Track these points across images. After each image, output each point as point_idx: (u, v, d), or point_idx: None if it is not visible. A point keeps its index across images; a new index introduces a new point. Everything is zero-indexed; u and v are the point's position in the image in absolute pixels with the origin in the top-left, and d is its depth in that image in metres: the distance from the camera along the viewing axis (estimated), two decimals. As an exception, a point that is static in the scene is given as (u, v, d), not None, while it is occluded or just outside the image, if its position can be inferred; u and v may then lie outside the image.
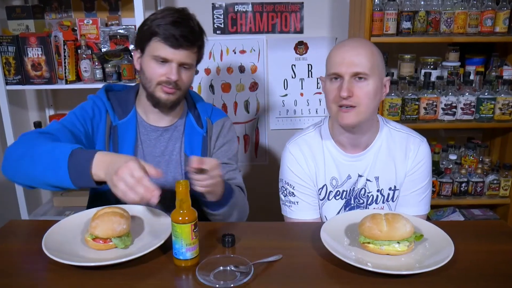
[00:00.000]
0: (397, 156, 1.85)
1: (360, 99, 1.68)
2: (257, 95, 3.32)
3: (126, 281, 1.28)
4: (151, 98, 1.82)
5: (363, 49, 1.68)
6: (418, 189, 1.85)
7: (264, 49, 3.23)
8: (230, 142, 2.00)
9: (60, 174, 1.42)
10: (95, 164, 1.41)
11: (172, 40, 1.72)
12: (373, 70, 1.68)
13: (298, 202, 1.88)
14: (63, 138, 1.66)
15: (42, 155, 1.47)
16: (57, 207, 3.20)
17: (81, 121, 1.78)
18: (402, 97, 2.79)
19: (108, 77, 2.76)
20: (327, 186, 1.88)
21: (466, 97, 2.78)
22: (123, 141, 1.86)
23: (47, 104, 3.28)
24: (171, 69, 1.75)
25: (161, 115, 1.90)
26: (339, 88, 1.69)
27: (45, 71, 2.73)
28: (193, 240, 1.34)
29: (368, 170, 1.85)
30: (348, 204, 1.88)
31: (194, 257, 1.35)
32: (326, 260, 1.38)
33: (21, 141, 1.59)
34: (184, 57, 1.76)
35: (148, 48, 1.77)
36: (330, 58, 1.74)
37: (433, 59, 2.97)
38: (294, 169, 1.89)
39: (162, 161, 1.90)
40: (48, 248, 1.36)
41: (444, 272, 1.29)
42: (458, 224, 1.66)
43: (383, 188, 1.86)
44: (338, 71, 1.68)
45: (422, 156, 1.85)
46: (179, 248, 1.34)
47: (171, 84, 1.77)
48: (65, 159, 1.42)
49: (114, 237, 1.40)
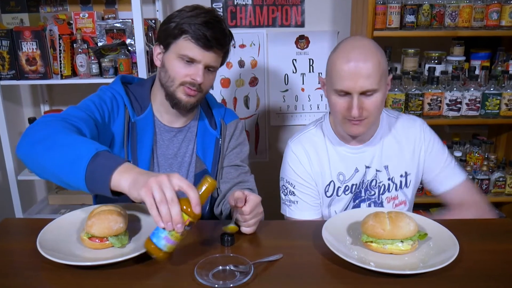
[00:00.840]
0: (402, 141, 1.89)
1: (370, 112, 1.70)
2: (257, 90, 3.32)
3: (123, 281, 1.28)
4: (171, 98, 1.79)
5: (370, 63, 1.64)
6: (444, 161, 1.89)
7: (264, 43, 3.22)
8: (242, 144, 2.00)
9: (76, 172, 1.31)
10: (120, 172, 1.29)
11: (204, 41, 1.69)
12: (381, 81, 1.68)
13: (297, 202, 1.89)
14: (86, 130, 1.57)
15: (64, 146, 1.37)
16: (52, 205, 3.20)
17: (100, 112, 1.72)
18: (405, 93, 2.79)
19: (104, 72, 2.75)
20: (335, 182, 1.88)
21: (471, 92, 2.78)
22: (142, 139, 1.83)
23: (42, 99, 3.28)
24: (197, 70, 1.73)
25: (177, 116, 1.88)
26: (347, 105, 1.70)
27: (40, 66, 2.73)
28: (177, 235, 1.28)
29: (375, 160, 1.87)
30: (358, 196, 1.89)
31: (165, 251, 1.28)
32: (328, 259, 1.37)
33: (44, 123, 1.50)
34: (212, 60, 1.75)
35: (175, 45, 1.74)
36: (335, 71, 1.69)
37: (437, 54, 2.96)
38: (295, 168, 1.89)
39: (174, 163, 1.89)
40: (43, 247, 1.35)
41: (449, 272, 1.29)
42: (463, 222, 1.66)
43: (394, 176, 1.88)
44: (346, 89, 1.68)
45: (428, 132, 1.91)
46: (159, 231, 1.28)
47: (195, 86, 1.74)
48: (87, 158, 1.31)
49: (110, 236, 1.39)
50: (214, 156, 1.92)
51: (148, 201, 1.22)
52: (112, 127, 1.77)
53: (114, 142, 1.78)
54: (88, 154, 1.31)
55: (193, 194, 1.25)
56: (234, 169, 1.94)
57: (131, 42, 2.80)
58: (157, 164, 1.87)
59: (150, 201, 1.22)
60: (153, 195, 1.22)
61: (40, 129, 1.47)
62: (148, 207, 1.22)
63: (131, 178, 1.27)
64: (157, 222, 1.23)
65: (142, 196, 1.22)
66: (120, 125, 1.79)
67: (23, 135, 1.48)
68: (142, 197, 1.22)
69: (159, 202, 1.21)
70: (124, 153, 1.80)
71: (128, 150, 1.80)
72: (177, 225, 1.22)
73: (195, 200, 1.25)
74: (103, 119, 1.72)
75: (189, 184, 1.26)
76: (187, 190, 1.26)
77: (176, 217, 1.22)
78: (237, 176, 1.93)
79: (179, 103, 1.78)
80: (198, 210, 1.26)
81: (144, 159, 1.82)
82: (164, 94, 1.81)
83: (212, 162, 1.92)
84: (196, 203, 1.25)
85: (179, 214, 1.22)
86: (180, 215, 1.23)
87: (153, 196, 1.22)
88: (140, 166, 1.78)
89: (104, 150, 1.34)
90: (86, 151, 1.33)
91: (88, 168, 1.30)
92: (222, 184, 1.94)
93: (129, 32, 2.80)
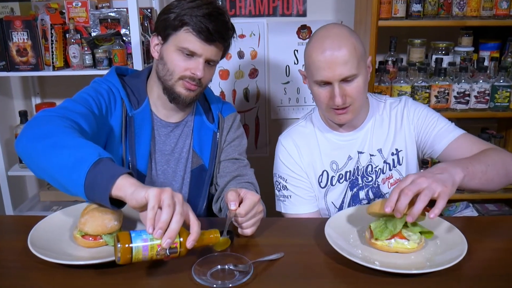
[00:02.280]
0: (389, 121, 1.93)
1: (353, 99, 1.75)
2: (257, 82, 3.31)
3: (117, 280, 1.28)
4: (169, 93, 1.78)
5: (345, 49, 1.68)
6: (435, 122, 1.88)
7: (265, 34, 3.21)
8: (240, 137, 2.01)
9: (75, 178, 1.30)
10: (126, 177, 1.28)
11: (205, 34, 1.68)
12: (359, 66, 1.73)
13: (291, 196, 1.91)
14: (86, 126, 1.57)
15: (65, 148, 1.35)
16: (44, 201, 3.20)
17: (98, 106, 1.71)
18: (411, 85, 2.78)
19: (98, 63, 2.74)
20: (328, 171, 1.91)
21: (480, 84, 2.77)
22: (140, 134, 1.82)
23: (33, 92, 3.27)
24: (197, 64, 1.72)
25: (174, 111, 1.88)
26: (330, 95, 1.75)
27: (31, 56, 2.71)
28: (154, 251, 1.23)
29: (367, 144, 1.90)
30: (355, 184, 1.91)
31: (130, 256, 1.22)
32: (331, 258, 1.37)
33: (45, 118, 1.49)
34: (213, 54, 1.74)
35: (175, 37, 1.73)
36: (312, 63, 1.75)
37: (444, 44, 2.95)
38: (286, 161, 1.93)
39: (171, 160, 1.89)
40: (34, 245, 1.35)
41: (457, 272, 1.29)
42: (471, 220, 1.66)
43: (387, 157, 1.90)
44: (325, 79, 1.72)
45: (411, 103, 1.95)
46: (142, 235, 1.23)
47: (195, 80, 1.74)
48: (88, 163, 1.29)
49: (104, 234, 1.39)
50: (211, 150, 1.92)
51: (153, 200, 1.20)
52: (109, 122, 1.77)
53: (111, 137, 1.77)
54: (90, 159, 1.30)
55: (196, 228, 1.25)
56: (232, 163, 1.94)
57: (126, 32, 2.78)
58: (154, 160, 1.86)
59: (155, 201, 1.20)
60: (162, 198, 1.21)
61: (42, 124, 1.46)
62: (149, 207, 1.20)
63: (138, 184, 1.27)
64: (148, 225, 1.20)
65: (148, 195, 1.21)
66: (117, 120, 1.78)
67: (23, 130, 1.47)
68: (148, 196, 1.21)
69: (165, 206, 1.20)
70: (122, 148, 1.79)
71: (126, 146, 1.80)
72: (168, 239, 1.20)
73: (195, 235, 1.24)
74: (100, 113, 1.71)
75: (196, 218, 1.27)
76: (193, 223, 1.26)
77: (173, 231, 1.20)
78: (235, 170, 1.93)
79: (178, 97, 1.77)
80: (190, 245, 1.24)
81: (143, 155, 1.82)
82: (161, 88, 1.81)
83: (209, 157, 1.91)
84: (193, 239, 1.24)
85: (177, 230, 1.21)
86: (176, 232, 1.21)
87: (161, 200, 1.21)
88: (138, 163, 1.79)
89: (107, 157, 1.33)
90: (88, 156, 1.31)
91: (88, 173, 1.28)
92: (219, 179, 1.94)
93: (124, 22, 2.79)
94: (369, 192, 1.91)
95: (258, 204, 1.49)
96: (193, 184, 1.92)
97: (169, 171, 1.90)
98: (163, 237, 1.20)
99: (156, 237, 1.20)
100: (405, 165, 1.91)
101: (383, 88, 2.78)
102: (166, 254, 1.24)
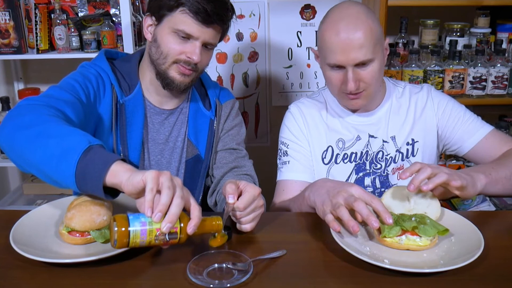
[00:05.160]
0: (408, 109, 1.94)
1: (367, 84, 1.77)
2: (258, 66, 3.30)
3: (105, 280, 1.27)
4: (162, 78, 1.78)
5: (361, 32, 1.68)
6: (462, 117, 1.90)
7: (266, 14, 3.20)
8: (239, 126, 2.01)
9: (64, 168, 1.29)
10: (120, 163, 1.29)
11: (203, 16, 1.67)
12: (376, 49, 1.73)
13: (289, 162, 1.94)
14: (73, 115, 1.56)
15: (52, 137, 1.34)
16: (28, 195, 3.20)
17: (86, 93, 1.70)
18: (424, 69, 2.78)
19: (86, 46, 2.74)
20: (333, 148, 1.93)
21: (497, 68, 2.77)
22: (132, 123, 1.82)
23: (16, 77, 3.27)
24: (194, 48, 1.72)
25: (168, 97, 1.88)
26: (342, 79, 1.77)
27: (13, 39, 2.71)
28: (153, 234, 1.23)
29: (381, 130, 1.92)
30: (362, 169, 1.93)
31: (127, 240, 1.22)
32: (336, 256, 1.37)
33: (28, 106, 1.48)
34: (211, 36, 1.74)
35: (170, 18, 1.72)
36: (325, 45, 1.75)
37: (459, 25, 2.94)
38: (290, 126, 1.98)
39: (165, 149, 1.90)
40: (17, 242, 1.34)
41: (472, 271, 1.28)
42: (488, 215, 1.65)
43: (402, 146, 1.92)
44: (338, 63, 1.73)
45: (436, 94, 1.97)
46: (141, 218, 1.23)
47: (191, 65, 1.74)
48: (78, 152, 1.28)
49: (93, 230, 1.38)
50: (208, 139, 1.91)
51: (151, 183, 1.21)
52: (98, 109, 1.76)
53: (101, 126, 1.77)
54: (79, 147, 1.30)
55: (197, 213, 1.26)
56: (229, 153, 1.94)
57: (115, 12, 2.78)
58: (147, 150, 1.86)
59: (153, 183, 1.21)
60: (161, 180, 1.22)
61: (25, 114, 1.45)
62: (147, 189, 1.21)
63: (134, 169, 1.28)
64: (147, 207, 1.20)
65: (146, 178, 1.21)
66: (107, 107, 1.77)
67: (4, 120, 1.46)
68: (146, 179, 1.21)
69: (165, 187, 1.21)
70: (113, 138, 1.79)
71: (117, 135, 1.79)
72: (168, 223, 1.20)
73: (196, 220, 1.25)
74: (88, 101, 1.70)
75: (197, 203, 1.27)
76: (193, 207, 1.27)
77: (174, 215, 1.21)
78: (232, 160, 1.93)
79: (172, 83, 1.77)
80: (191, 231, 1.24)
81: (135, 145, 1.82)
82: (154, 72, 1.80)
83: (205, 147, 1.91)
84: (195, 224, 1.25)
85: (177, 214, 1.21)
86: (177, 216, 1.22)
87: (159, 182, 1.22)
88: (130, 153, 1.79)
89: (97, 144, 1.33)
90: (77, 144, 1.31)
91: (79, 162, 1.28)
92: (215, 170, 1.94)
93: (114, 1, 2.78)
94: (376, 180, 1.91)
95: (259, 198, 1.47)
96: (188, 176, 1.92)
97: (163, 162, 1.90)
98: (162, 221, 1.21)
99: (155, 221, 1.21)
100: (420, 157, 1.91)
101: (393, 73, 2.77)
102: (166, 239, 1.24)
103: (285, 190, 1.90)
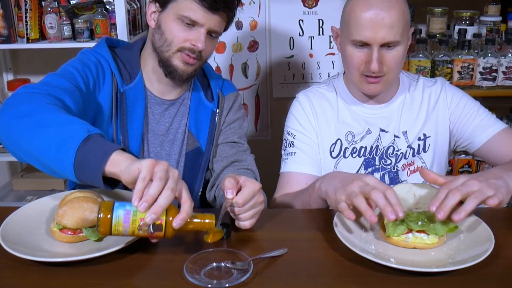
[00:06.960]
0: (421, 102, 1.94)
1: (389, 68, 1.76)
2: (258, 56, 3.30)
3: (98, 280, 1.27)
4: (165, 66, 1.78)
5: (394, 11, 1.68)
6: (476, 112, 1.90)
7: (266, 1, 3.20)
8: (241, 119, 2.02)
9: (63, 157, 1.31)
10: (120, 153, 1.31)
11: (210, 2, 1.68)
12: (403, 33, 1.73)
13: (295, 153, 1.93)
14: (72, 104, 1.57)
15: (51, 126, 1.36)
16: (17, 190, 3.20)
17: (85, 80, 1.71)
18: (431, 59, 2.78)
19: (78, 35, 2.74)
20: (342, 141, 1.93)
21: (508, 58, 2.76)
22: (132, 113, 1.83)
23: (5, 67, 3.28)
24: (199, 35, 1.72)
25: (171, 86, 1.89)
26: (366, 58, 1.75)
27: (2, 27, 2.71)
28: (136, 224, 1.24)
29: (393, 124, 1.92)
30: (371, 164, 1.93)
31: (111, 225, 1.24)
32: (340, 254, 1.37)
33: (26, 94, 1.50)
34: (216, 24, 1.75)
35: (175, 4, 1.72)
36: (353, 20, 1.73)
37: (469, 13, 2.94)
38: (298, 116, 1.97)
39: (165, 141, 1.91)
40: (6, 240, 1.34)
41: (482, 270, 1.28)
42: (499, 211, 1.65)
43: (413, 141, 1.92)
44: (365, 40, 1.71)
45: (449, 88, 1.97)
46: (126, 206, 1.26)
47: (195, 53, 1.74)
48: (77, 140, 1.30)
49: (85, 227, 1.38)
50: (209, 131, 1.92)
51: (145, 171, 1.22)
52: (97, 98, 1.77)
53: (100, 115, 1.78)
54: (78, 136, 1.31)
55: (187, 207, 1.26)
56: (230, 147, 1.94)
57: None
58: (147, 142, 1.87)
59: (146, 172, 1.22)
60: (155, 170, 1.23)
61: (22, 102, 1.46)
62: (140, 178, 1.22)
63: (134, 158, 1.30)
64: (134, 197, 1.21)
65: (141, 166, 1.23)
66: (107, 96, 1.78)
67: (2, 108, 1.48)
68: (141, 167, 1.23)
69: (156, 178, 1.22)
70: (113, 128, 1.80)
71: (117, 125, 1.80)
72: (152, 214, 1.21)
73: (184, 214, 1.25)
74: (87, 89, 1.71)
75: (190, 198, 1.28)
76: (184, 201, 1.27)
77: (159, 207, 1.22)
78: (233, 154, 1.94)
79: (175, 71, 1.77)
80: (177, 225, 1.25)
81: (135, 135, 1.83)
82: (157, 60, 1.81)
83: (207, 139, 1.91)
84: (182, 218, 1.25)
85: (163, 206, 1.22)
86: (163, 208, 1.22)
87: (154, 171, 1.23)
88: (131, 144, 1.80)
89: (96, 133, 1.35)
90: (76, 132, 1.33)
91: (78, 151, 1.30)
92: (215, 163, 1.95)
93: (107, -13, 2.78)
94: (385, 176, 1.91)
95: (259, 193, 1.46)
96: (188, 169, 1.93)
97: (162, 154, 1.91)
98: (147, 212, 1.21)
99: (140, 210, 1.22)
100: (431, 153, 1.91)
101: (400, 63, 2.76)
102: (150, 231, 1.25)
103: (290, 182, 1.89)
